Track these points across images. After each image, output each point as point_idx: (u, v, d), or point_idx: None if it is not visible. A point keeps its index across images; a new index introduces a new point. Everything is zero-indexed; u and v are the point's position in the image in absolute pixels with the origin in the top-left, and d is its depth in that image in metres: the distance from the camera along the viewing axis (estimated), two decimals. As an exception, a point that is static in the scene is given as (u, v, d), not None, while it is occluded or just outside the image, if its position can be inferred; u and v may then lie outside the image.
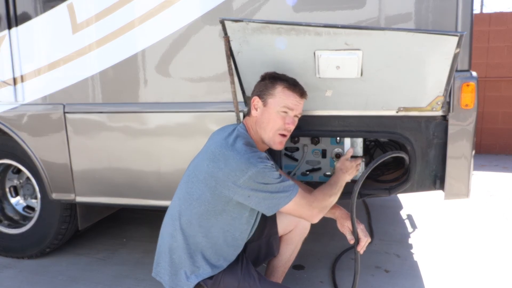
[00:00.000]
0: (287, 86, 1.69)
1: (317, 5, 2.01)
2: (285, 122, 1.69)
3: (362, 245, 1.75)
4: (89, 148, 2.47)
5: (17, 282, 2.57)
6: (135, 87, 2.34)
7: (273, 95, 1.68)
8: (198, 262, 1.68)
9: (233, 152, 1.58)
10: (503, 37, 5.95)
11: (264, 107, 1.70)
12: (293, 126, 1.72)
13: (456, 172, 2.02)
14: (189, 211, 1.68)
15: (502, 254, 2.80)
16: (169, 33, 2.22)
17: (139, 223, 3.53)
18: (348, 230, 1.81)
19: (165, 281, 1.74)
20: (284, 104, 1.67)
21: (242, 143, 1.61)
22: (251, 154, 1.56)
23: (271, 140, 1.70)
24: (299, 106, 1.72)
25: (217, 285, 1.67)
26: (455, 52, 1.64)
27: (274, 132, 1.69)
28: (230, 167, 1.55)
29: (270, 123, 1.68)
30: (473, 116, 1.97)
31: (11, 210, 2.99)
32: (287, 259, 2.06)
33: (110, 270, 2.68)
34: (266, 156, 1.62)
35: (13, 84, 2.56)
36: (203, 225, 1.67)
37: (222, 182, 1.58)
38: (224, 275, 1.69)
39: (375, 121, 2.05)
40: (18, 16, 2.49)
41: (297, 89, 1.71)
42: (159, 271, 1.76)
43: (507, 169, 5.36)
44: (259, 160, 1.56)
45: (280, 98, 1.68)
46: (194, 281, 1.66)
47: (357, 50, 1.73)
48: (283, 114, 1.68)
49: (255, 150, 1.61)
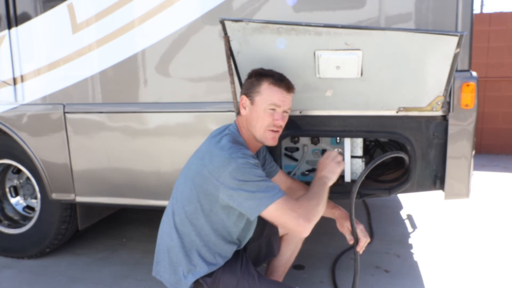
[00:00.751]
0: (272, 82, 1.65)
1: (317, 5, 2.01)
2: (273, 118, 1.65)
3: (361, 245, 1.74)
4: (89, 148, 2.47)
5: (17, 282, 2.57)
6: (135, 87, 2.34)
7: (259, 93, 1.66)
8: (194, 260, 1.68)
9: (217, 148, 1.58)
10: (503, 37, 5.95)
11: (252, 106, 1.68)
12: (282, 122, 1.68)
13: (456, 172, 2.02)
14: (181, 210, 1.69)
15: (502, 254, 2.80)
16: (169, 33, 2.22)
17: (139, 223, 3.53)
18: (348, 231, 1.80)
19: (165, 280, 1.74)
20: (271, 102, 1.64)
21: (228, 140, 1.61)
22: (233, 150, 1.56)
23: (262, 137, 1.68)
24: (286, 101, 1.68)
25: (216, 283, 1.67)
26: (455, 52, 1.64)
27: (264, 129, 1.67)
28: (214, 163, 1.56)
29: (259, 121, 1.66)
30: (473, 116, 1.97)
31: (11, 210, 2.99)
32: (287, 259, 2.06)
33: (110, 270, 2.68)
34: (252, 155, 1.60)
35: (13, 84, 2.56)
36: (194, 224, 1.68)
37: (207, 179, 1.58)
38: (223, 274, 1.69)
39: (375, 121, 2.04)
40: (18, 16, 2.49)
41: (283, 84, 1.66)
42: (159, 270, 1.77)
43: (507, 169, 5.36)
44: (241, 156, 1.54)
45: (267, 96, 1.65)
46: (191, 279, 1.66)
47: (357, 50, 1.73)
48: (271, 111, 1.65)
49: (240, 147, 1.60)
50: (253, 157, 1.59)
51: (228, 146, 1.58)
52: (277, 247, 2.02)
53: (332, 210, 1.85)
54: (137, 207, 2.56)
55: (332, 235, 3.04)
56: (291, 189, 1.98)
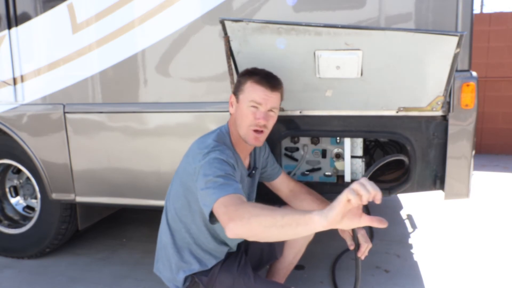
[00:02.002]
0: (256, 81, 1.62)
1: (317, 5, 2.01)
2: (255, 117, 1.61)
3: (362, 250, 1.70)
4: (89, 148, 2.47)
5: (17, 282, 2.57)
6: (135, 87, 2.34)
7: (243, 91, 1.64)
8: (186, 257, 1.69)
9: (199, 146, 1.58)
10: (503, 37, 5.95)
11: (237, 104, 1.67)
12: (264, 121, 1.61)
13: (456, 172, 2.02)
14: (172, 206, 1.72)
15: (502, 254, 2.80)
16: (169, 33, 2.22)
17: (139, 223, 3.53)
18: (349, 235, 1.77)
19: (163, 276, 1.77)
20: (252, 99, 1.61)
21: (212, 139, 1.61)
22: (212, 148, 1.54)
23: (245, 136, 1.64)
24: (269, 100, 1.62)
25: (212, 282, 1.68)
26: (455, 52, 1.64)
27: (246, 128, 1.63)
28: (194, 160, 1.55)
29: (242, 119, 1.63)
30: (473, 116, 1.97)
31: (11, 210, 2.99)
32: (289, 262, 2.04)
33: (110, 270, 2.68)
34: (230, 155, 1.56)
35: (13, 84, 2.56)
36: (184, 221, 1.69)
37: (190, 176, 1.57)
38: (220, 272, 1.69)
39: (375, 121, 2.04)
40: (18, 16, 2.49)
41: (265, 82, 1.61)
42: (159, 267, 1.79)
43: (507, 169, 5.36)
44: (217, 153, 1.51)
45: (248, 93, 1.62)
46: (182, 275, 1.69)
47: (357, 50, 1.73)
48: (253, 109, 1.62)
49: (222, 147, 1.58)
50: (230, 157, 1.54)
51: (208, 143, 1.58)
52: (279, 250, 2.00)
53: None
54: (137, 207, 2.56)
55: (332, 235, 3.02)
56: (293, 192, 1.96)
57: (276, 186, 1.98)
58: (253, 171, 1.84)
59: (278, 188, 1.98)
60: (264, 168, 1.93)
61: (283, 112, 2.09)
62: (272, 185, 1.99)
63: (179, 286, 1.72)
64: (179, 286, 1.71)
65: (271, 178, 1.97)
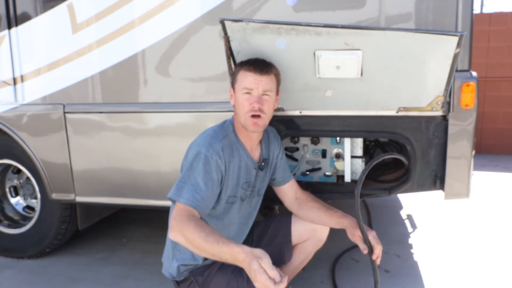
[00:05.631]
0: (245, 68, 1.67)
1: (317, 5, 2.01)
2: (249, 102, 1.65)
3: (376, 253, 1.65)
4: (89, 148, 2.47)
5: (17, 282, 2.57)
6: (135, 87, 2.34)
7: (237, 81, 1.70)
8: (179, 245, 1.70)
9: (200, 135, 1.71)
10: (503, 37, 5.95)
11: (234, 94, 1.73)
12: (259, 105, 1.64)
13: (456, 172, 2.02)
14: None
15: (502, 254, 2.80)
16: (169, 33, 2.22)
17: (139, 223, 3.53)
18: (360, 239, 1.70)
19: (163, 266, 1.83)
20: (243, 86, 1.66)
21: (213, 129, 1.74)
22: (206, 141, 1.65)
23: (245, 123, 1.69)
24: (260, 83, 1.65)
25: (208, 282, 1.70)
26: (455, 52, 1.65)
27: (245, 115, 1.67)
28: (188, 149, 1.69)
29: (239, 107, 1.69)
30: (473, 116, 1.97)
31: (11, 210, 2.99)
32: (296, 266, 2.01)
33: (110, 270, 2.68)
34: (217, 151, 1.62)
35: (13, 84, 2.56)
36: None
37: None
38: (217, 273, 1.71)
39: (375, 121, 2.04)
40: (18, 16, 2.49)
41: (253, 67, 1.66)
42: (163, 256, 1.85)
43: (507, 169, 5.36)
44: (208, 148, 1.62)
45: (241, 81, 1.68)
46: (175, 264, 1.73)
47: (357, 50, 1.74)
48: (247, 96, 1.66)
49: (217, 139, 1.67)
50: (217, 154, 1.62)
51: (206, 134, 1.70)
52: (288, 255, 1.97)
53: (340, 220, 1.79)
54: (137, 207, 2.56)
55: (332, 235, 3.02)
56: (298, 200, 1.95)
57: (283, 191, 1.97)
58: (263, 163, 1.83)
59: (285, 193, 1.97)
60: (273, 169, 1.92)
61: (283, 112, 2.09)
62: (279, 190, 1.98)
63: (173, 275, 1.76)
64: (174, 275, 1.76)
65: (280, 184, 1.96)
